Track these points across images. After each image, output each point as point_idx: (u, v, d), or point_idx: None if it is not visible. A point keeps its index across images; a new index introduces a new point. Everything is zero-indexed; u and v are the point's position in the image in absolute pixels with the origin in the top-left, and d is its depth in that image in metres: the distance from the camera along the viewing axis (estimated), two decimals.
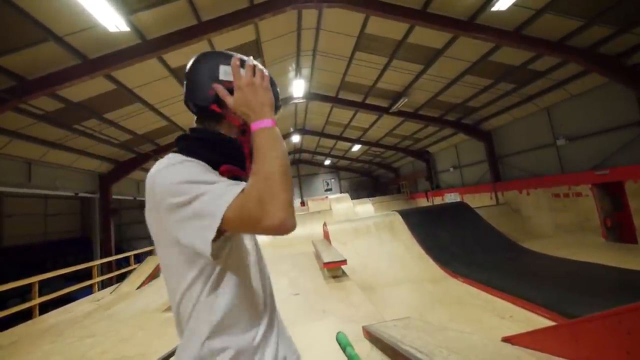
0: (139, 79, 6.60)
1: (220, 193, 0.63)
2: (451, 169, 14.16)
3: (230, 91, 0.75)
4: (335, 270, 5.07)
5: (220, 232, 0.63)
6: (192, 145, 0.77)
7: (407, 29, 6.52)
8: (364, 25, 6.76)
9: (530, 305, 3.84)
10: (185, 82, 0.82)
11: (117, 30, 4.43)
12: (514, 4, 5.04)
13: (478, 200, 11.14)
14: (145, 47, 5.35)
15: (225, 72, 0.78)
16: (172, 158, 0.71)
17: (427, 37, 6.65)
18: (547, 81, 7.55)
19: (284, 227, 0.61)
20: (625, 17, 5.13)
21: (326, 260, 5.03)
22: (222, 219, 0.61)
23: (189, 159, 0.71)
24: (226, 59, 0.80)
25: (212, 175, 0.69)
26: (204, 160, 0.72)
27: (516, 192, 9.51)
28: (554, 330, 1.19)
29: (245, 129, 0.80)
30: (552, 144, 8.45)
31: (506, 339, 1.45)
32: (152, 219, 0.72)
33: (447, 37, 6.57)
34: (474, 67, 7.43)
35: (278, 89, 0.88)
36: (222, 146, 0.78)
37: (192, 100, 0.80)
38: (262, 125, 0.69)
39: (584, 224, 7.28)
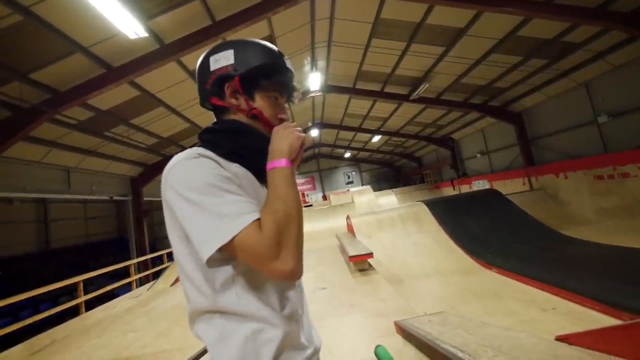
0: (160, 83, 6.80)
1: (233, 211, 0.60)
2: (478, 155, 13.49)
3: (225, 77, 0.74)
4: (361, 263, 4.99)
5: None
6: (215, 137, 0.74)
7: (425, 9, 6.19)
8: (380, 10, 6.49)
9: (575, 297, 3.55)
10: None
11: (137, 36, 4.55)
12: None
13: (509, 187, 10.51)
14: (163, 51, 5.48)
15: (214, 61, 0.76)
16: (188, 152, 0.68)
17: (447, 16, 6.27)
18: (584, 53, 6.90)
19: (294, 275, 0.59)
20: None
21: (352, 253, 4.96)
22: (231, 241, 0.58)
23: (206, 153, 0.67)
24: (216, 49, 0.78)
25: (226, 182, 0.64)
26: (226, 151, 0.70)
27: (552, 176, 8.87)
28: (624, 330, 1.04)
29: (255, 114, 0.76)
30: (593, 122, 7.76)
31: (561, 338, 1.29)
32: (167, 214, 0.68)
33: (470, 14, 6.16)
34: (500, 44, 6.94)
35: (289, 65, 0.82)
36: (242, 136, 0.75)
37: (200, 101, 0.83)
38: (277, 164, 0.68)
39: (632, 207, 6.65)
